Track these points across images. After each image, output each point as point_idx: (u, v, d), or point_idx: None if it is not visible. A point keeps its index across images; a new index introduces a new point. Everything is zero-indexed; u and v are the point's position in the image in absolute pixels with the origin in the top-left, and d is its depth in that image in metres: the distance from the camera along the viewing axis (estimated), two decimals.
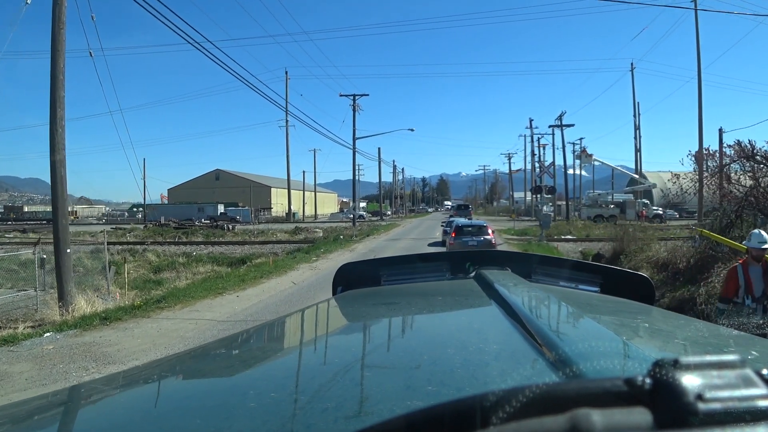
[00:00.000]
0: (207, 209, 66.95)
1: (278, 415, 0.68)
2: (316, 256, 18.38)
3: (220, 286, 11.97)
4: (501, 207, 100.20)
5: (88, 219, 74.35)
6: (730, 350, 0.89)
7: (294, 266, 15.71)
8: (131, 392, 0.96)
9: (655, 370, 0.44)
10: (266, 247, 25.42)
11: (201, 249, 26.51)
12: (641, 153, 52.35)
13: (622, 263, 16.76)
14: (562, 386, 0.44)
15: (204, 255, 23.58)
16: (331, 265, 16.07)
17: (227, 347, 1.25)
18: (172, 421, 0.72)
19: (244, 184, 74.79)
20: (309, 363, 0.99)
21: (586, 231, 30.23)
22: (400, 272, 1.93)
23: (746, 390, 0.42)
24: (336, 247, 21.56)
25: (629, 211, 41.00)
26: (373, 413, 0.62)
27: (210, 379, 0.99)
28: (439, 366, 0.80)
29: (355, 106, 37.46)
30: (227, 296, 11.08)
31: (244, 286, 12.22)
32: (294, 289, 11.80)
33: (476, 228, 16.70)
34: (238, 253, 24.10)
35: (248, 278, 13.15)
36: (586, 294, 1.65)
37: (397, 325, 1.24)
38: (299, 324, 1.52)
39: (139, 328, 8.50)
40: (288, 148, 60.44)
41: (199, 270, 18.67)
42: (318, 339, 1.26)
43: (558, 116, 40.19)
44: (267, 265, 15.94)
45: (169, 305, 10.02)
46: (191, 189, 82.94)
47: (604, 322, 1.07)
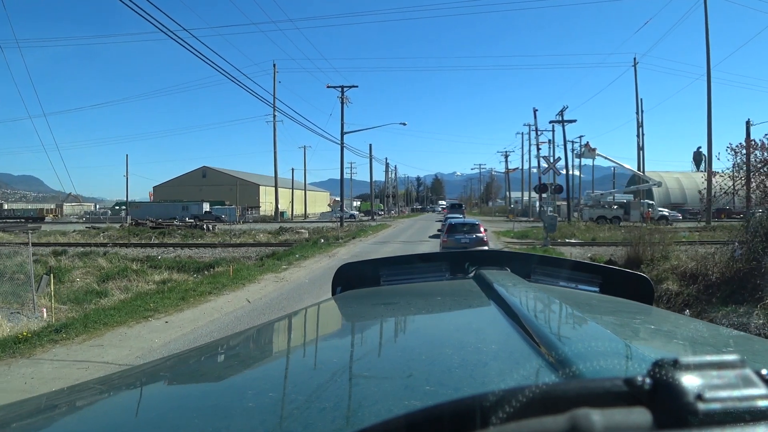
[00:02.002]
0: (192, 208, 64.40)
1: (276, 415, 0.68)
2: (288, 264, 15.91)
3: (151, 306, 9.48)
4: (497, 207, 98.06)
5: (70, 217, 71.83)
6: (730, 350, 0.89)
7: (257, 277, 13.24)
8: (130, 392, 0.95)
9: (655, 370, 0.44)
10: (240, 251, 22.95)
11: (169, 252, 24.02)
12: (644, 152, 50.22)
13: (642, 272, 14.53)
14: (561, 386, 0.44)
15: (170, 259, 21.06)
16: (302, 276, 13.60)
17: (226, 347, 1.24)
18: (170, 420, 0.71)
19: (232, 182, 72.15)
20: (308, 363, 0.99)
21: (590, 233, 28.05)
22: (400, 272, 1.90)
23: (746, 390, 0.42)
24: (314, 252, 19.08)
25: (633, 212, 38.77)
26: (372, 413, 0.62)
27: (208, 379, 0.97)
28: (437, 366, 0.80)
29: (343, 98, 34.99)
30: (153, 322, 8.60)
31: (182, 306, 9.74)
32: (244, 311, 9.32)
33: (469, 226, 17.27)
34: (208, 257, 21.60)
35: (193, 295, 10.67)
36: (585, 294, 1.63)
37: (396, 325, 1.24)
38: (298, 324, 1.51)
39: (5, 376, 6.04)
40: (275, 144, 57.82)
41: (153, 278, 16.16)
42: (317, 339, 1.25)
43: (559, 111, 37.89)
44: (225, 275, 13.48)
45: (69, 336, 7.54)
46: (177, 187, 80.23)
47: (604, 322, 1.07)
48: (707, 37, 36.47)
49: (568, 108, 37.80)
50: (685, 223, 39.22)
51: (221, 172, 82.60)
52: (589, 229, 31.21)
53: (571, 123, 37.61)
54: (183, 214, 61.51)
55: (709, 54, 36.43)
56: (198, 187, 77.69)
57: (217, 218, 58.22)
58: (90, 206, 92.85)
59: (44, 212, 70.39)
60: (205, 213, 61.68)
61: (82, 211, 79.49)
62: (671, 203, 56.58)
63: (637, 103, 49.91)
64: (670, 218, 40.26)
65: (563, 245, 21.78)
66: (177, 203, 67.01)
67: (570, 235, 26.12)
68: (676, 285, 12.37)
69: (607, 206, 41.53)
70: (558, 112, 37.64)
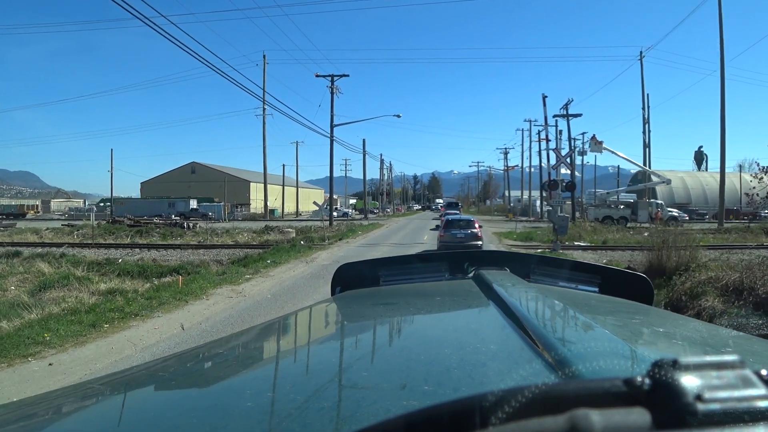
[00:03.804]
0: (178, 205, 61.85)
1: (275, 415, 0.68)
2: (254, 271, 13.50)
3: (45, 336, 7.06)
4: (496, 206, 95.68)
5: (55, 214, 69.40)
6: (729, 351, 0.89)
7: (209, 291, 10.83)
8: (129, 392, 0.94)
9: (654, 371, 0.44)
10: (212, 253, 20.53)
11: (135, 253, 21.62)
12: (650, 149, 48.02)
13: (674, 285, 12.36)
14: (561, 386, 0.44)
15: (131, 262, 18.70)
16: (265, 288, 11.20)
17: (224, 347, 1.23)
18: (168, 420, 0.71)
19: (222, 178, 69.52)
20: (307, 363, 0.99)
21: (598, 235, 25.78)
22: (399, 272, 1.90)
23: (745, 390, 0.42)
24: (290, 257, 16.64)
25: (641, 212, 36.48)
26: (370, 413, 0.62)
27: (207, 379, 0.97)
28: (436, 366, 0.80)
29: (333, 88, 32.53)
30: (33, 364, 6.16)
31: (88, 336, 7.31)
32: (169, 344, 6.91)
33: (465, 222, 18.49)
34: (175, 259, 19.21)
35: (114, 317, 8.26)
36: (584, 294, 1.62)
37: (396, 325, 1.23)
38: (298, 324, 1.49)
39: None
40: (264, 138, 55.35)
41: (99, 288, 13.75)
42: (316, 339, 1.26)
43: (563, 105, 35.47)
44: (174, 286, 11.09)
45: None
46: (165, 183, 77.59)
47: (603, 322, 1.07)
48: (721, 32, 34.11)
49: (573, 101, 35.45)
50: (693, 224, 37.00)
51: (211, 168, 79.94)
52: (596, 231, 28.93)
53: (576, 117, 35.19)
54: (169, 211, 59.03)
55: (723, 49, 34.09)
56: (187, 183, 75.08)
57: (203, 216, 55.85)
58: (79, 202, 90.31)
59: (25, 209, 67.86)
60: (192, 210, 59.17)
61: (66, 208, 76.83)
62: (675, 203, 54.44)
63: (643, 99, 47.79)
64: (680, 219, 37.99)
65: (572, 249, 19.45)
66: (163, 200, 64.53)
67: (577, 237, 23.81)
68: (719, 302, 10.12)
69: (613, 206, 39.24)
70: (562, 106, 35.26)
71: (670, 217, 37.25)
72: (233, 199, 67.06)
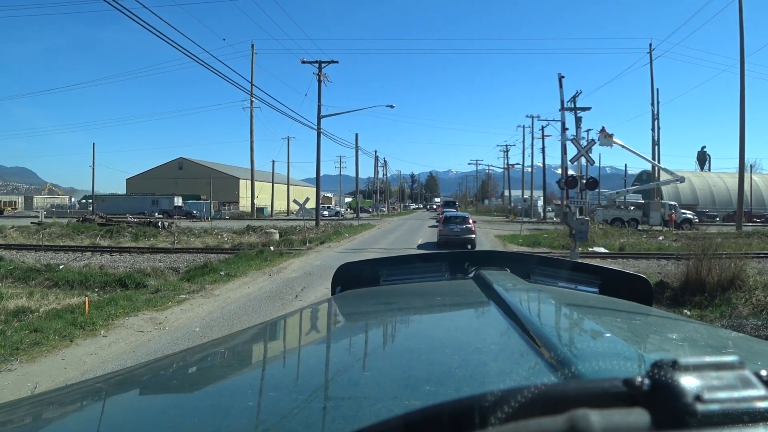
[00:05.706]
0: (162, 202, 58.98)
1: (276, 414, 0.68)
2: (197, 288, 10.66)
3: None
4: (495, 206, 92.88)
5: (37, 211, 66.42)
6: (729, 351, 0.89)
7: (119, 319, 7.98)
8: (129, 391, 0.94)
9: (654, 371, 0.44)
10: (170, 258, 17.75)
11: (87, 257, 18.83)
12: (659, 146, 45.31)
13: (731, 301, 9.85)
14: (560, 387, 0.44)
15: (76, 269, 15.89)
16: (198, 317, 8.30)
17: (225, 346, 1.23)
18: (169, 419, 0.71)
19: (209, 175, 66.58)
20: (307, 362, 0.99)
21: (609, 239, 23.14)
22: (399, 272, 1.89)
23: (744, 391, 0.42)
24: (252, 267, 13.78)
25: (653, 213, 33.75)
26: (371, 413, 0.62)
27: (208, 378, 0.96)
28: (437, 366, 0.80)
29: (320, 75, 29.69)
30: None
31: None
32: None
33: (460, 218, 21.35)
34: (126, 266, 16.43)
35: None
36: (584, 295, 1.63)
37: (396, 325, 1.23)
38: (298, 324, 1.50)
39: None
40: (252, 133, 52.44)
41: (6, 306, 10.97)
42: (317, 339, 1.25)
43: (571, 97, 32.74)
44: (79, 309, 8.29)
45: None
46: (152, 179, 74.59)
47: (603, 322, 1.07)
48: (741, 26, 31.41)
49: (581, 93, 32.67)
50: (706, 226, 34.33)
51: (198, 164, 76.88)
52: (607, 234, 26.29)
53: (585, 110, 32.46)
54: (152, 208, 56.24)
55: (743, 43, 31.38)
56: (174, 179, 72.08)
57: (188, 214, 53.01)
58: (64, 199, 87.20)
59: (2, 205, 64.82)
60: (176, 208, 56.28)
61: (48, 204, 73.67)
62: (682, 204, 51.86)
63: (652, 94, 45.00)
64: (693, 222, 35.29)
65: (591, 256, 16.72)
66: (147, 197, 61.66)
67: (591, 242, 21.16)
68: None
69: (623, 207, 36.53)
70: (570, 98, 32.56)
71: (684, 220, 34.59)
72: (222, 197, 64.20)
